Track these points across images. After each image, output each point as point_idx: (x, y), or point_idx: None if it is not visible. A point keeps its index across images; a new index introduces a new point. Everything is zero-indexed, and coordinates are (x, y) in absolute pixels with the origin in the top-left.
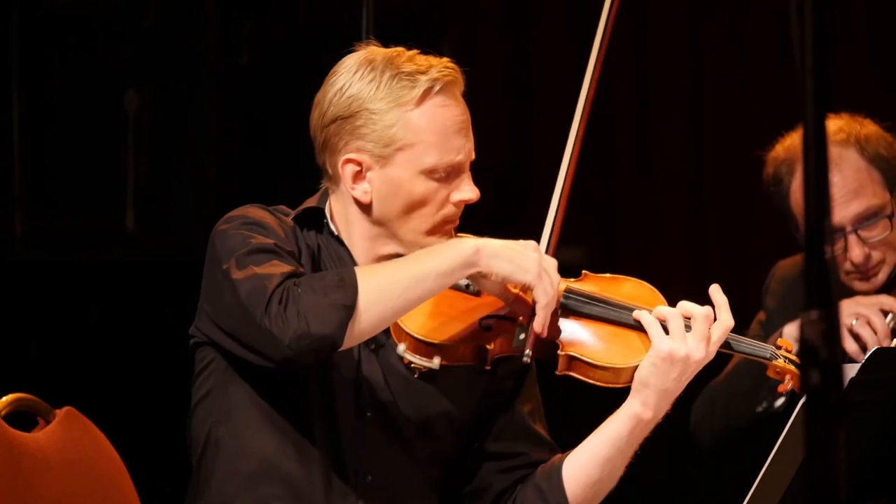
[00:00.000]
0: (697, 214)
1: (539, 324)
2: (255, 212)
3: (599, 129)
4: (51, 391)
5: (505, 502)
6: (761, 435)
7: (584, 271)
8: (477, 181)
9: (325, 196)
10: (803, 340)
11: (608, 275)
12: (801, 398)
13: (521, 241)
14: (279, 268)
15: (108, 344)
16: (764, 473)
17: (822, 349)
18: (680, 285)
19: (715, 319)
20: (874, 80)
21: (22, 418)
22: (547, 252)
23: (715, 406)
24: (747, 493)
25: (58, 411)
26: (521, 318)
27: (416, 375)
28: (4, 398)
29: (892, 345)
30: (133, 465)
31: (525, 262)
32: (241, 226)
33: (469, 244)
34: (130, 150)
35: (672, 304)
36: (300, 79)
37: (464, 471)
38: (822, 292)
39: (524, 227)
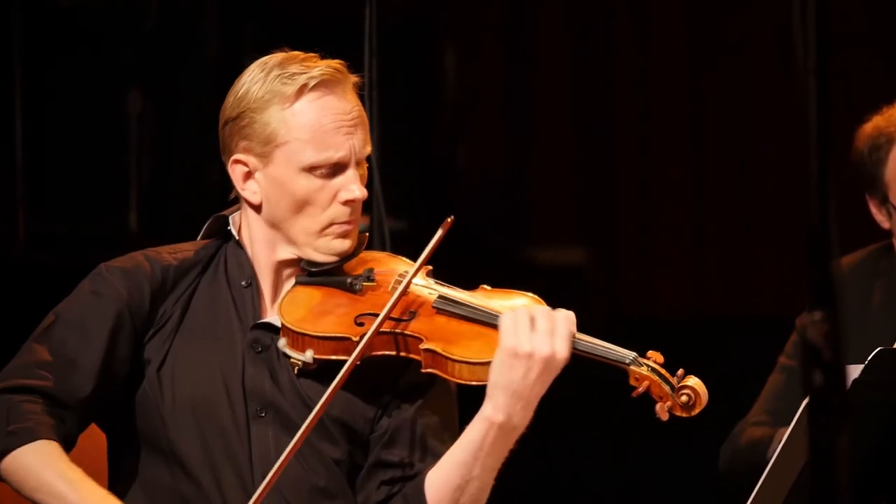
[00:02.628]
0: (697, 217)
1: None
2: (124, 264)
3: (600, 129)
4: None
5: None
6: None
7: (482, 285)
8: (476, 181)
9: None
10: (806, 341)
11: (505, 290)
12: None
13: None
14: (36, 377)
15: None
16: (767, 474)
17: (825, 350)
18: (680, 286)
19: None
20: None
21: None
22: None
23: (738, 439)
24: (750, 493)
25: None
26: None
27: (295, 371)
28: None
29: None
30: None
31: None
32: (88, 292)
33: None
34: (133, 153)
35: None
36: None
37: (357, 476)
38: (825, 293)
39: (522, 227)
